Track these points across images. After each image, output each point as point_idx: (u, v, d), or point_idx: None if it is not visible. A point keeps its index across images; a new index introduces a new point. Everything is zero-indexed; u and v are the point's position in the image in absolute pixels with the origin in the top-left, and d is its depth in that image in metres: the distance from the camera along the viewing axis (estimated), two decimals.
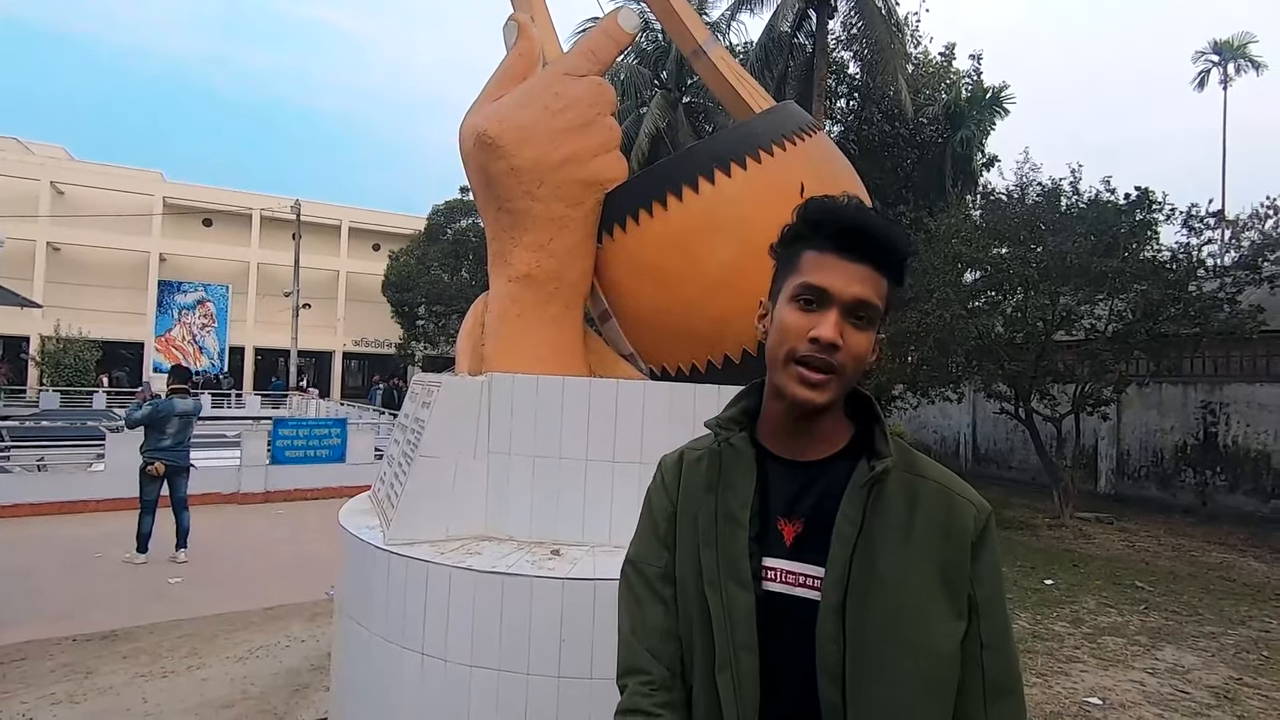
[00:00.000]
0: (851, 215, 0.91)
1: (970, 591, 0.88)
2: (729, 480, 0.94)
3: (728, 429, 0.97)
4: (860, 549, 0.86)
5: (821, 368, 0.87)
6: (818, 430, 0.94)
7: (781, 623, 0.89)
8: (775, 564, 0.90)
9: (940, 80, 16.32)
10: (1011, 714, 0.89)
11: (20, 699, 3.49)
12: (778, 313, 0.93)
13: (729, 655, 0.88)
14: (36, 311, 23.55)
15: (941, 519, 0.89)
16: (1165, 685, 4.15)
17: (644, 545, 1.03)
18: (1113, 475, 12.65)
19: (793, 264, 0.93)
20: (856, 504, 0.88)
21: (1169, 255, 9.34)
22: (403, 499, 2.47)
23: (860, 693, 0.84)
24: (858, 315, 0.88)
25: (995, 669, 0.88)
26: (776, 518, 0.92)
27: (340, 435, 10.20)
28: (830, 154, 3.20)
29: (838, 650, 0.84)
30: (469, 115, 2.87)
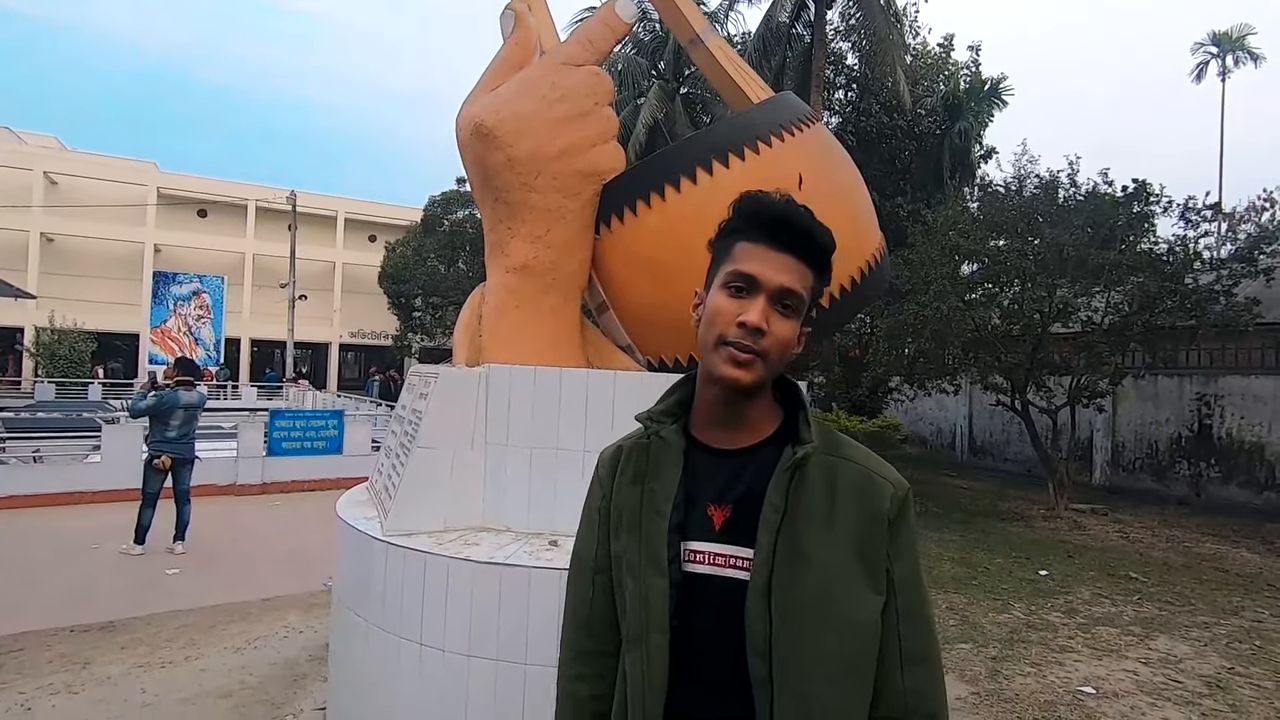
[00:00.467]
0: (780, 209, 0.96)
1: (889, 567, 0.94)
2: (655, 471, 0.99)
3: (659, 422, 1.02)
4: (784, 531, 0.91)
5: (748, 349, 0.91)
6: (747, 417, 0.98)
7: (707, 603, 0.93)
8: (703, 547, 0.95)
9: (939, 72, 16.25)
10: (925, 681, 0.94)
11: (18, 689, 3.50)
12: (710, 299, 0.97)
13: (641, 634, 0.94)
14: (31, 302, 23.45)
15: (861, 499, 0.93)
16: (1158, 675, 4.19)
17: (583, 536, 1.10)
18: (1108, 467, 12.71)
19: (726, 254, 0.97)
20: (780, 488, 0.92)
21: (1166, 248, 9.35)
22: (400, 490, 2.47)
23: (786, 667, 0.88)
24: (784, 303, 0.93)
25: (911, 640, 0.94)
26: (706, 504, 0.96)
27: (337, 427, 10.19)
28: (829, 145, 3.19)
29: (764, 628, 0.89)
30: (466, 105, 2.85)
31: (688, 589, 0.94)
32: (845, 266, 3.01)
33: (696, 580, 0.94)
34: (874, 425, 8.89)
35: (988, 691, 3.84)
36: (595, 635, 1.05)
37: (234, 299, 32.76)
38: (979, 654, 4.40)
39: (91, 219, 30.27)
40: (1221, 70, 33.97)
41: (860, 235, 3.13)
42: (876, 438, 8.79)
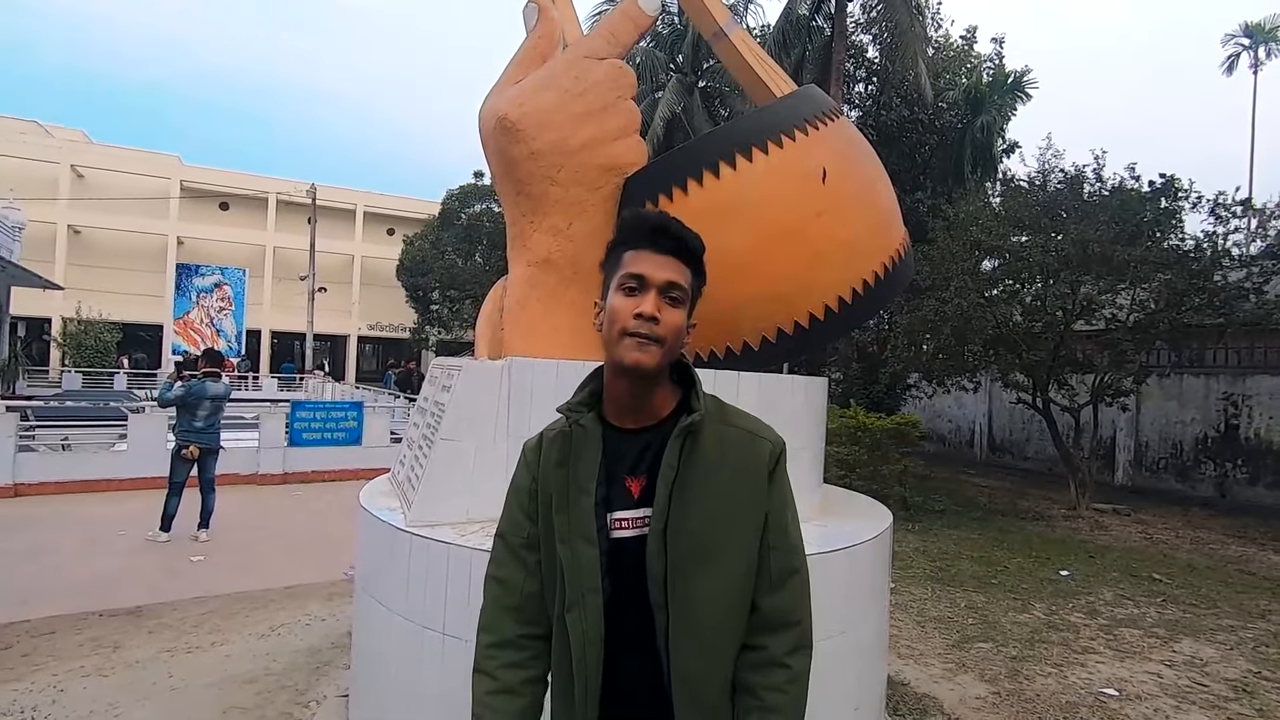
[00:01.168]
0: (657, 219, 1.14)
1: (766, 509, 1.13)
2: (578, 455, 1.14)
3: (577, 411, 1.16)
4: (678, 485, 1.08)
5: (647, 336, 1.06)
6: (651, 400, 1.14)
7: (629, 561, 1.10)
8: (624, 515, 1.11)
9: (961, 64, 16.01)
10: (785, 598, 1.13)
11: (51, 671, 3.58)
12: (608, 302, 1.12)
13: (578, 597, 1.09)
14: (58, 293, 23.88)
15: (745, 455, 1.13)
16: (1183, 677, 4.13)
17: (510, 519, 1.22)
18: (1130, 467, 12.52)
19: (616, 263, 1.13)
20: (674, 451, 1.09)
21: (1194, 244, 9.16)
22: (423, 481, 2.49)
23: (677, 591, 1.07)
24: (670, 295, 1.10)
25: (778, 563, 1.13)
26: (624, 476, 1.12)
27: (356, 418, 10.30)
28: (852, 139, 3.16)
29: (661, 563, 1.08)
30: (489, 98, 2.86)
31: (616, 554, 1.10)
32: (868, 262, 2.99)
33: (623, 546, 1.10)
34: (891, 422, 8.80)
35: (1008, 691, 3.81)
36: (525, 619, 1.17)
37: (255, 291, 33.19)
38: (999, 653, 4.37)
39: (117, 212, 30.78)
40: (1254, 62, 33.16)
41: (883, 231, 3.10)
42: (894, 435, 8.70)
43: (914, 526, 7.95)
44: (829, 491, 3.48)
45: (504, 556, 1.20)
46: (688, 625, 1.07)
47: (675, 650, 1.07)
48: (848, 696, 2.47)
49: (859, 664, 2.57)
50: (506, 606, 1.18)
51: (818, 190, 2.80)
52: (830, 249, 2.84)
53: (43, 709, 3.19)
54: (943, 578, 6.06)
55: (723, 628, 1.09)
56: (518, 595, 1.18)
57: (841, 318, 2.93)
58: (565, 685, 1.13)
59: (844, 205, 2.86)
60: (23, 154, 29.54)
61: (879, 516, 3.02)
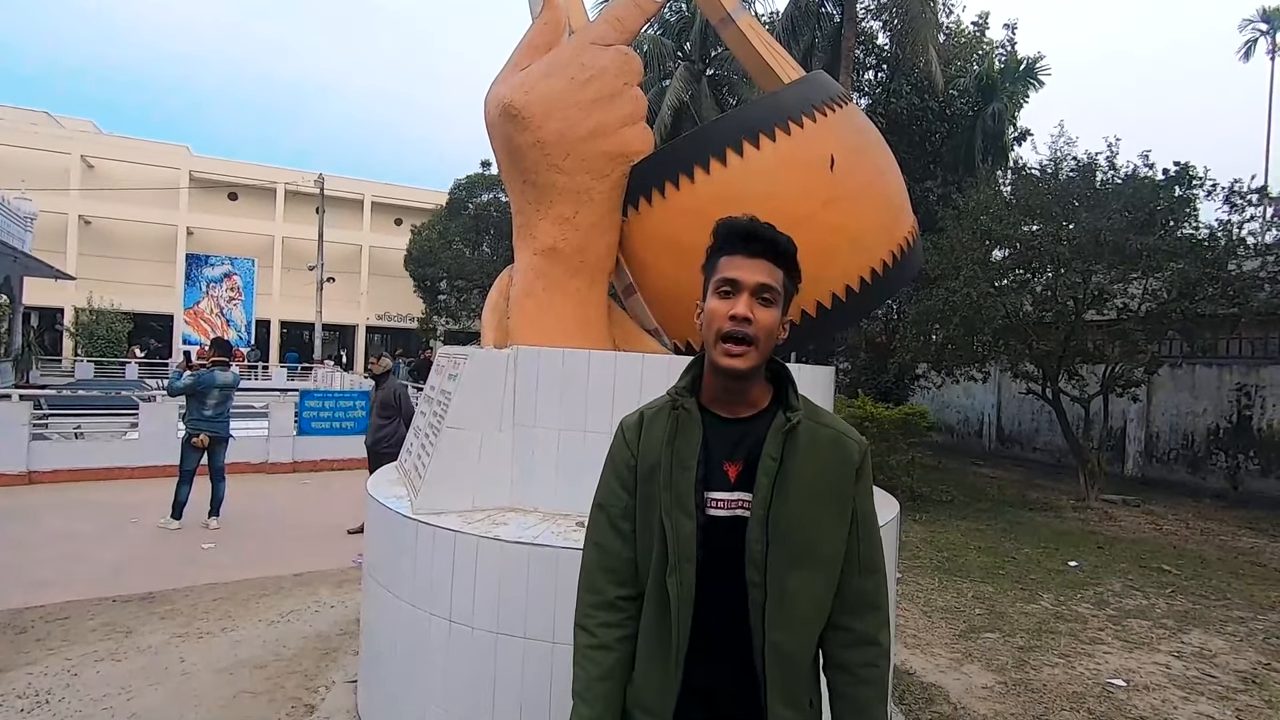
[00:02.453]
0: (748, 225, 1.22)
1: (853, 504, 1.23)
2: (682, 435, 1.23)
3: (681, 396, 1.26)
4: (779, 477, 1.18)
5: (741, 339, 1.16)
6: (746, 394, 1.24)
7: (723, 538, 1.19)
8: (721, 496, 1.21)
9: (972, 51, 15.78)
10: (874, 586, 1.25)
11: (64, 655, 3.63)
12: (706, 305, 1.22)
13: (676, 563, 1.18)
14: (70, 284, 24.06)
15: (836, 454, 1.23)
16: (1191, 669, 4.11)
17: (608, 491, 1.31)
18: (1141, 458, 12.44)
19: (713, 269, 1.23)
20: (775, 445, 1.19)
21: (1208, 233, 9.04)
22: (430, 470, 2.50)
23: (774, 573, 1.17)
24: (763, 297, 1.19)
25: (866, 555, 1.25)
26: (723, 461, 1.22)
27: (365, 407, 10.34)
28: (862, 126, 3.12)
29: (761, 547, 1.17)
30: (494, 86, 2.84)
31: (710, 529, 1.20)
32: (876, 251, 2.96)
33: (716, 522, 1.20)
34: (900, 412, 8.76)
35: (1015, 681, 3.81)
36: (621, 581, 1.27)
37: (264, 281, 33.34)
38: (1006, 643, 4.36)
39: (127, 202, 30.93)
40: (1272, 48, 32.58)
41: (892, 219, 3.07)
42: (902, 425, 8.67)
43: (921, 517, 7.93)
44: None
45: (603, 525, 1.30)
46: (782, 603, 1.17)
47: (770, 624, 1.17)
48: None
49: None
50: (605, 569, 1.28)
51: (826, 178, 2.77)
52: (838, 238, 2.81)
53: (57, 692, 3.24)
54: (950, 568, 6.05)
55: (811, 607, 1.20)
56: (616, 559, 1.27)
57: (849, 307, 2.91)
58: (655, 643, 1.22)
59: (852, 193, 2.84)
60: (34, 145, 29.70)
61: (886, 506, 3.00)
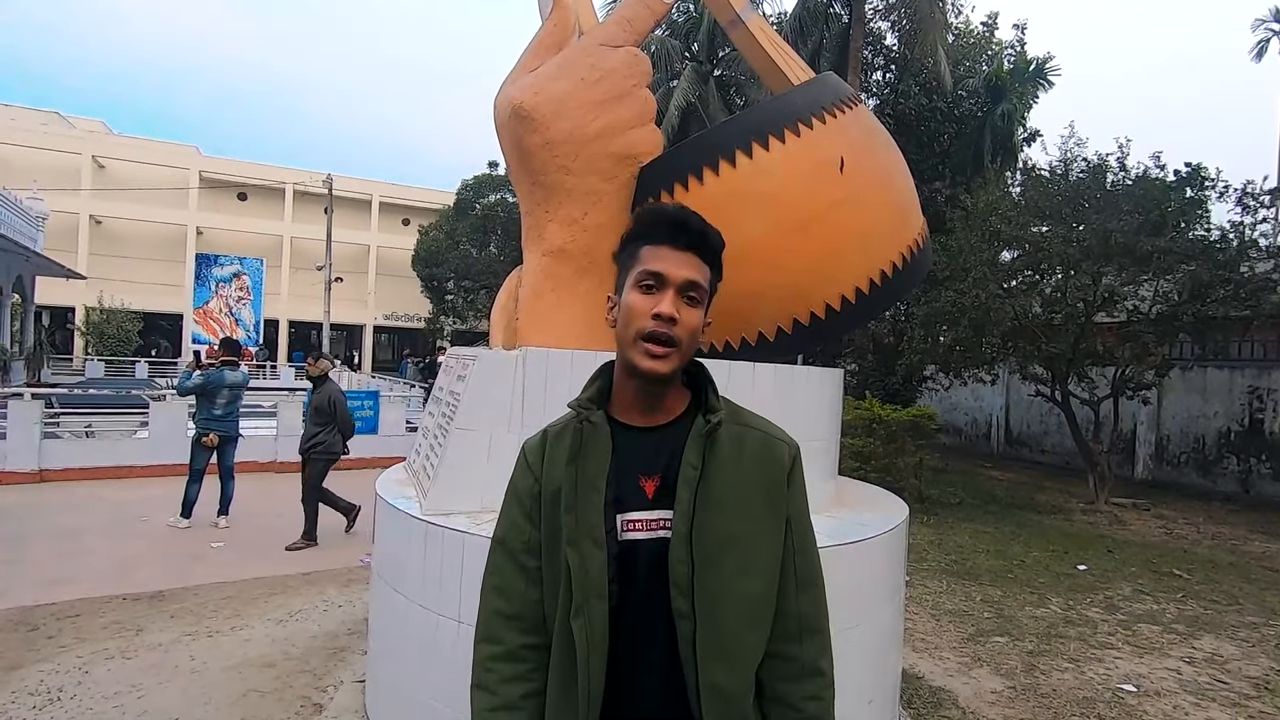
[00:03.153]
0: (676, 213, 1.10)
1: (786, 511, 1.10)
2: (587, 453, 1.08)
3: (586, 408, 1.10)
4: (701, 486, 1.05)
5: (664, 340, 1.03)
6: (663, 400, 1.11)
7: (645, 565, 1.05)
8: (637, 516, 1.06)
9: (981, 52, 15.70)
10: (811, 603, 1.12)
11: (75, 653, 3.66)
12: (624, 299, 1.08)
13: (583, 602, 1.03)
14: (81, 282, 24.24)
15: (763, 457, 1.10)
16: (1203, 674, 4.08)
17: (509, 524, 1.15)
18: (1151, 461, 12.35)
19: (633, 259, 1.09)
20: (696, 452, 1.06)
21: (1220, 234, 8.97)
22: (439, 470, 2.50)
23: (704, 600, 1.02)
24: (689, 295, 1.06)
25: (803, 568, 1.11)
26: (638, 476, 1.07)
27: (373, 407, 10.38)
28: (871, 127, 3.11)
29: (686, 569, 1.02)
30: (504, 87, 2.84)
31: (627, 557, 1.05)
32: (886, 252, 2.95)
33: (635, 547, 1.05)
34: (908, 415, 8.72)
35: (1024, 686, 3.78)
36: (525, 628, 1.10)
37: (272, 281, 33.50)
38: (1015, 648, 4.33)
39: (137, 202, 31.13)
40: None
41: (901, 220, 3.06)
42: (910, 427, 8.63)
43: (929, 519, 7.90)
44: (844, 484, 3.46)
45: (503, 563, 1.13)
46: (718, 635, 1.02)
47: (704, 658, 1.01)
48: (862, 690, 2.46)
49: (873, 657, 2.55)
50: (506, 616, 1.11)
51: (835, 179, 2.77)
52: (847, 239, 2.80)
53: (69, 690, 3.26)
54: (958, 571, 6.02)
55: (750, 634, 1.06)
56: (519, 603, 1.11)
57: (858, 309, 2.90)
58: (562, 694, 1.06)
59: (862, 195, 2.83)
60: (45, 145, 29.95)
61: (894, 509, 2.99)
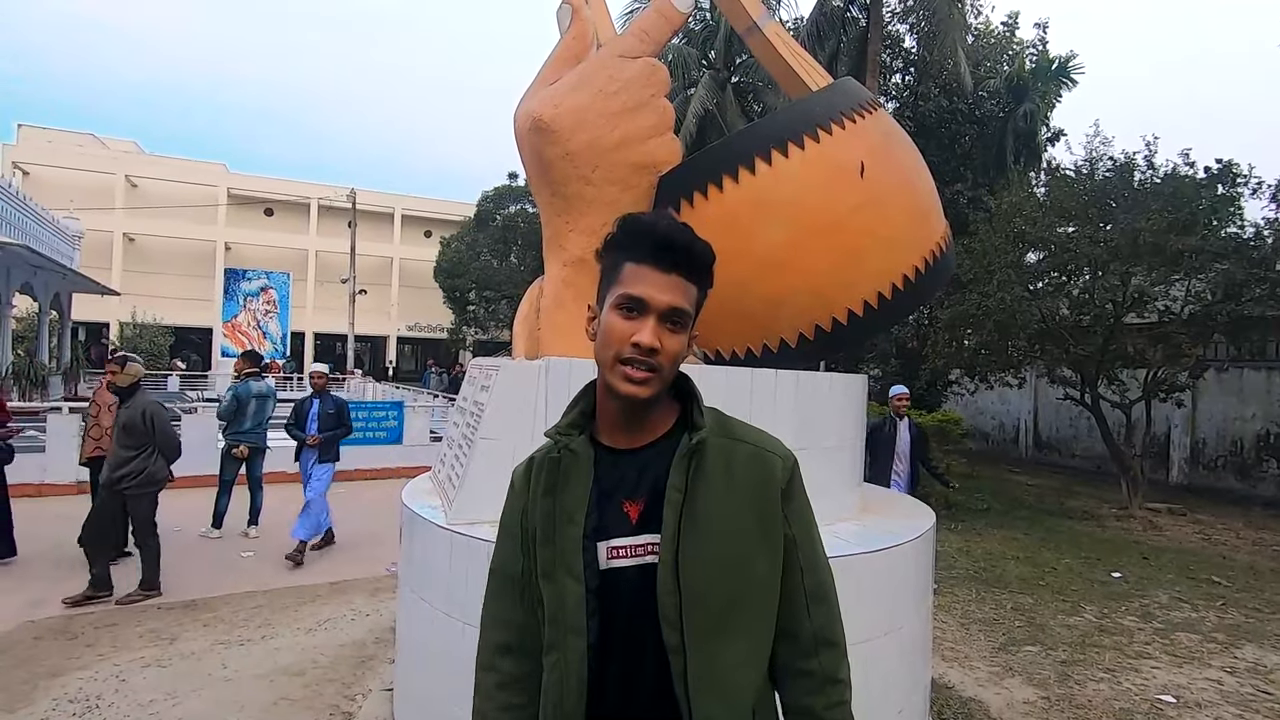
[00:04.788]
0: (663, 231, 1.00)
1: (786, 530, 1.03)
2: (566, 481, 1.03)
3: (566, 434, 1.06)
4: (687, 510, 0.98)
5: (645, 367, 0.97)
6: (647, 419, 1.05)
7: (625, 595, 0.99)
8: (621, 542, 1.00)
9: (1002, 52, 15.53)
10: (825, 616, 1.06)
11: (113, 661, 3.74)
12: (604, 318, 1.02)
13: (559, 639, 0.99)
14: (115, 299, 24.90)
15: (755, 473, 1.03)
16: (1245, 685, 3.95)
17: (503, 553, 1.13)
18: (1186, 465, 12.04)
19: (615, 274, 1.02)
20: (680, 472, 0.99)
21: (1254, 232, 8.76)
22: (464, 480, 2.53)
23: (696, 631, 0.95)
24: (672, 321, 0.99)
25: (812, 585, 1.05)
26: (622, 501, 1.01)
27: (397, 418, 10.50)
28: (891, 132, 3.10)
29: (674, 600, 0.96)
30: (524, 100, 2.88)
31: (608, 589, 0.99)
32: (908, 257, 2.93)
33: (619, 575, 0.99)
34: (933, 420, 8.62)
35: (1058, 696, 3.70)
36: (525, 657, 1.08)
37: (298, 294, 34.09)
38: (1047, 657, 4.24)
39: (168, 219, 31.96)
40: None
41: (923, 224, 3.04)
42: (936, 432, 8.52)
43: (957, 526, 7.77)
44: (869, 490, 3.43)
45: (500, 592, 1.12)
46: (712, 668, 0.96)
47: (696, 694, 0.95)
48: (890, 699, 2.43)
49: (902, 666, 2.52)
50: (503, 646, 1.09)
51: (856, 184, 2.76)
52: (869, 244, 2.79)
53: (106, 697, 3.34)
54: (988, 579, 5.91)
55: (746, 669, 0.99)
56: (515, 633, 1.08)
57: (881, 314, 2.88)
58: None
59: (883, 199, 2.81)
60: (80, 165, 30.89)
61: (921, 516, 2.96)
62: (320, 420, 6.03)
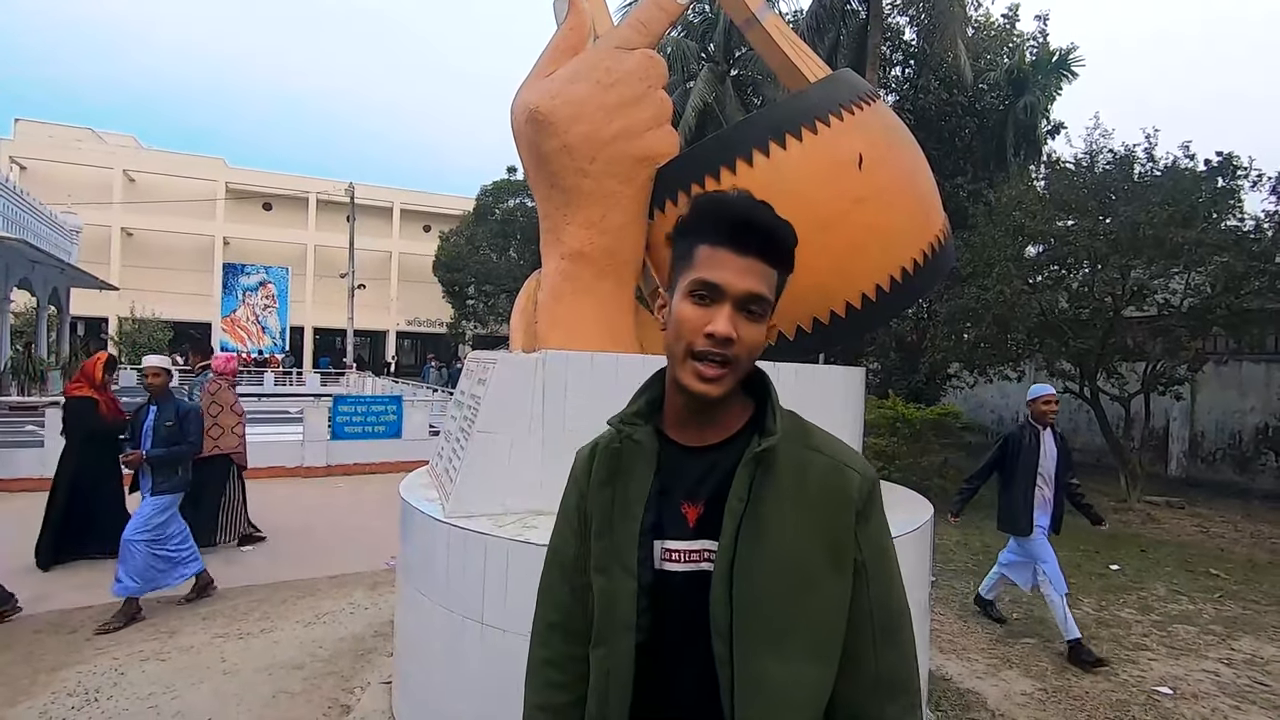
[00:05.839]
0: (741, 210, 0.92)
1: (857, 554, 0.93)
2: (628, 473, 0.98)
3: (631, 424, 1.00)
4: (748, 520, 0.90)
5: (718, 361, 0.90)
6: (717, 417, 0.97)
7: (677, 599, 0.93)
8: (677, 545, 0.94)
9: (1003, 44, 15.48)
10: (894, 657, 0.95)
11: (112, 655, 3.75)
12: (674, 307, 0.94)
13: (609, 634, 0.96)
14: (113, 293, 24.88)
15: (829, 488, 0.93)
16: (1242, 677, 3.96)
17: (559, 536, 1.09)
18: (1184, 458, 12.05)
19: (688, 258, 0.94)
20: (744, 479, 0.92)
21: (1254, 224, 8.75)
22: (461, 474, 2.53)
23: (745, 650, 0.89)
24: (750, 309, 0.91)
25: (883, 620, 0.94)
26: (681, 502, 0.95)
27: (396, 412, 10.51)
28: (890, 124, 3.09)
29: (726, 612, 0.90)
30: (521, 91, 2.86)
31: (660, 588, 0.94)
32: (907, 250, 2.92)
33: (669, 578, 0.94)
34: (932, 413, 8.62)
35: (1055, 688, 3.71)
36: (574, 638, 1.05)
37: (297, 289, 34.09)
38: (1045, 649, 4.26)
39: (166, 214, 31.89)
40: None
41: (922, 217, 3.03)
42: (934, 426, 8.52)
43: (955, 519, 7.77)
44: None
45: (552, 574, 1.10)
46: (759, 692, 0.89)
47: (742, 710, 0.89)
48: None
49: None
50: (554, 623, 1.08)
51: (854, 177, 2.75)
52: (868, 236, 2.78)
53: (105, 690, 3.34)
54: (985, 571, 5.91)
55: (800, 690, 0.91)
56: (565, 614, 1.07)
57: (880, 306, 2.88)
58: None
59: (881, 192, 2.80)
60: (78, 160, 30.81)
61: (919, 509, 2.96)
62: (155, 434, 4.35)
